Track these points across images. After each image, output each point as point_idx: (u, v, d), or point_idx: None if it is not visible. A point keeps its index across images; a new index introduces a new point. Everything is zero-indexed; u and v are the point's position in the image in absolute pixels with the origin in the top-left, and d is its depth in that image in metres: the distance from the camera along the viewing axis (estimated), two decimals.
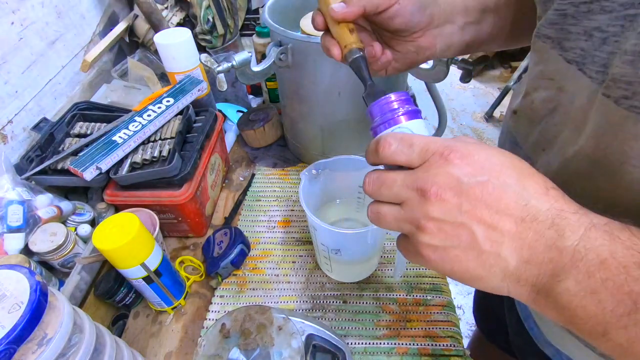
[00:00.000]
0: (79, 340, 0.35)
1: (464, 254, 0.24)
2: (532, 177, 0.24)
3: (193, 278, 0.59)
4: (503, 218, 0.23)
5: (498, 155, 0.24)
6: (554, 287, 0.22)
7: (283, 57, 0.59)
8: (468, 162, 0.24)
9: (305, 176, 0.52)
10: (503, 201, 0.23)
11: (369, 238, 0.46)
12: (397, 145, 0.26)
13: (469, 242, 0.23)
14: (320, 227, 0.46)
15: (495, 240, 0.23)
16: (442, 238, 0.24)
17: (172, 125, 0.61)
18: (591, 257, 0.21)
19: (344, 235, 0.47)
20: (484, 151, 0.24)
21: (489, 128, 2.31)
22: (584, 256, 0.21)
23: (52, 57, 0.77)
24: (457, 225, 0.23)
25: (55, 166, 0.58)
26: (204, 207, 0.64)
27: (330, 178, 0.53)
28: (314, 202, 0.57)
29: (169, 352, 0.52)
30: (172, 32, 0.68)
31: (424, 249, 0.25)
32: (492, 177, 0.23)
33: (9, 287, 0.31)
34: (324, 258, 0.54)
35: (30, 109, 0.72)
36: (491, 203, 0.23)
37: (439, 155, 0.24)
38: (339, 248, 0.50)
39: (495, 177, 0.23)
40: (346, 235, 0.47)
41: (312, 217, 0.46)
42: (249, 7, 1.12)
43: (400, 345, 0.51)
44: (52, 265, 0.55)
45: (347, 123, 0.67)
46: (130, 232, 0.43)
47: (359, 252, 0.52)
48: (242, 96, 0.91)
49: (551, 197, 0.23)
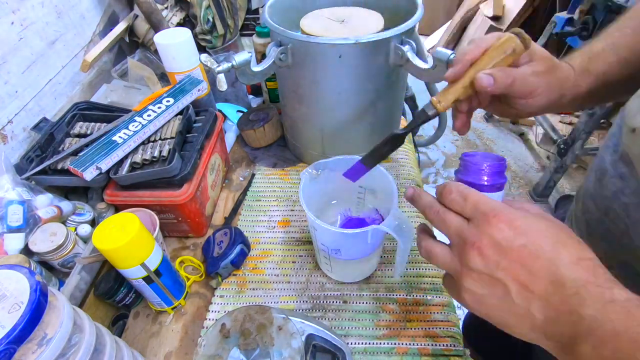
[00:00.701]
0: (79, 340, 0.35)
1: (498, 303, 0.28)
2: (567, 246, 0.27)
3: (193, 278, 0.59)
4: (535, 279, 0.26)
5: (539, 222, 0.28)
6: (575, 347, 0.25)
7: (283, 57, 0.59)
8: (510, 226, 0.27)
9: (305, 176, 0.51)
10: (537, 264, 0.26)
11: (369, 238, 0.46)
12: (455, 195, 0.31)
13: (503, 295, 0.27)
14: (320, 227, 0.46)
15: (525, 297, 0.26)
16: (480, 287, 0.28)
17: (172, 125, 0.61)
18: (607, 327, 0.23)
19: (344, 235, 0.47)
20: (526, 217, 0.28)
21: (489, 128, 2.31)
22: (600, 325, 0.23)
23: (52, 57, 0.77)
24: (495, 279, 0.27)
25: (55, 166, 0.58)
26: (204, 207, 0.64)
27: (331, 178, 0.53)
28: (314, 201, 0.57)
29: (169, 352, 0.52)
30: (172, 32, 0.68)
31: (464, 292, 0.29)
32: (529, 242, 0.27)
33: (9, 287, 0.31)
34: (324, 258, 0.54)
35: (30, 109, 0.72)
36: (526, 264, 0.26)
37: (485, 217, 0.28)
38: (339, 248, 0.50)
39: (532, 242, 0.27)
40: (346, 235, 0.47)
41: (312, 217, 0.46)
42: (249, 7, 1.12)
43: (400, 345, 0.51)
44: (52, 265, 0.55)
45: (347, 123, 0.67)
46: (130, 232, 0.43)
47: (359, 252, 0.52)
48: (242, 96, 0.91)
49: (581, 267, 0.25)
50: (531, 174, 2.00)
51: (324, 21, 0.63)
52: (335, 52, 0.56)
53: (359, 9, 0.66)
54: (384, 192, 0.52)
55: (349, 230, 0.45)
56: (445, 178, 2.01)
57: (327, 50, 0.56)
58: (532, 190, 1.88)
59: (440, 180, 2.00)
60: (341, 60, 0.57)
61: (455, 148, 2.19)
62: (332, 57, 0.56)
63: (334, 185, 0.55)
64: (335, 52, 0.56)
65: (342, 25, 0.61)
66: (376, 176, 0.52)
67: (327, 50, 0.56)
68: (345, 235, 0.47)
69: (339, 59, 0.56)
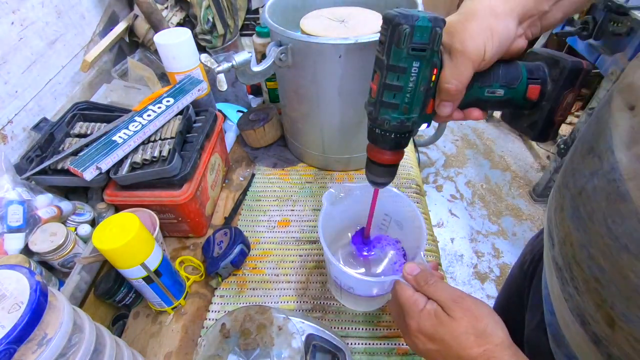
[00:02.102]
0: (79, 340, 0.34)
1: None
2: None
3: (193, 278, 0.59)
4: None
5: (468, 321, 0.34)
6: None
7: (283, 57, 0.59)
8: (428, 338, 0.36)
9: (327, 199, 0.49)
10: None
11: (387, 285, 0.45)
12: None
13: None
14: (336, 266, 0.44)
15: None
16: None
17: (172, 125, 0.61)
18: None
19: (358, 278, 0.45)
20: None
21: (489, 128, 2.31)
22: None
23: (52, 57, 0.77)
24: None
25: (55, 166, 0.58)
26: (204, 207, 0.64)
27: (354, 201, 0.50)
28: (334, 224, 0.54)
29: (169, 352, 0.52)
30: (172, 32, 0.68)
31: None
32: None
33: (9, 287, 0.31)
34: (335, 286, 0.53)
35: (30, 109, 0.72)
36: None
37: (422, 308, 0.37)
38: (353, 286, 0.48)
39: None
40: (360, 279, 0.45)
41: (329, 253, 0.44)
42: (249, 7, 1.12)
43: (400, 345, 0.51)
44: (52, 265, 0.55)
45: (347, 123, 0.67)
46: (130, 232, 0.43)
47: (372, 291, 0.50)
48: (242, 96, 0.91)
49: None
50: (531, 174, 2.00)
51: (324, 21, 0.63)
52: (335, 52, 0.56)
53: (359, 9, 0.66)
54: (411, 231, 0.51)
55: (369, 278, 0.43)
56: (445, 178, 2.01)
57: (327, 50, 0.56)
58: (532, 190, 1.88)
59: (440, 180, 2.00)
60: (341, 60, 0.57)
61: (455, 148, 2.19)
62: (332, 57, 0.56)
63: (357, 208, 0.53)
64: (335, 52, 0.56)
65: (342, 25, 0.61)
66: (407, 214, 0.50)
67: (327, 50, 0.56)
68: (361, 280, 0.45)
69: (339, 59, 0.56)
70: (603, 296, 0.30)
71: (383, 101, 0.36)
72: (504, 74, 0.36)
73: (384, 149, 0.39)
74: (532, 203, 1.85)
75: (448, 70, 0.34)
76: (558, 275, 0.38)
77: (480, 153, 2.15)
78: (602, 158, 0.30)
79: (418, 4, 0.62)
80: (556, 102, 0.37)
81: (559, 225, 0.37)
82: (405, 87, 0.34)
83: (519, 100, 0.37)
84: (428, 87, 0.35)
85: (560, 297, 0.38)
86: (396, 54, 0.33)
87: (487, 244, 1.70)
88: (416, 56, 0.32)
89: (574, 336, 0.37)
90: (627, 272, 0.27)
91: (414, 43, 0.32)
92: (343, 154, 0.74)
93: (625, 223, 0.27)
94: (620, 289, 0.28)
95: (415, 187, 0.74)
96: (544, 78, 0.36)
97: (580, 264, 0.33)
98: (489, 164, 2.08)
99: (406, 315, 0.37)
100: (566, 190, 0.36)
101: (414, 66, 0.33)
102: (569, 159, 0.38)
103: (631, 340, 0.28)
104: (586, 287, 0.32)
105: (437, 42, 0.32)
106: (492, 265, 1.61)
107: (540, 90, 0.37)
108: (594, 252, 0.31)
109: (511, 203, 1.86)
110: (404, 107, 0.35)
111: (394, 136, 0.38)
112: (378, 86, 0.35)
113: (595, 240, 0.31)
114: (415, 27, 0.31)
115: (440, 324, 0.34)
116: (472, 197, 1.91)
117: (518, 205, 1.85)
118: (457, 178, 2.01)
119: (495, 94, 0.37)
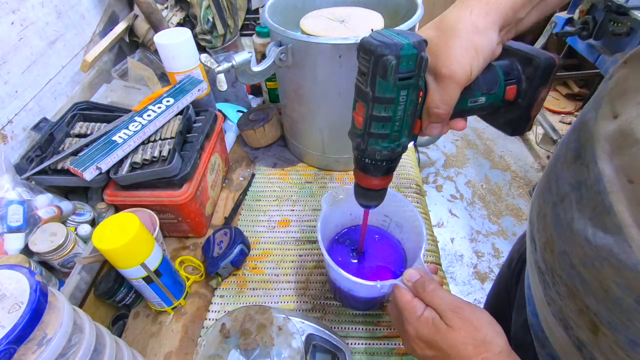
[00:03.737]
0: (79, 340, 0.34)
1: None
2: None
3: (193, 278, 0.59)
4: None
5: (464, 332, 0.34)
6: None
7: (283, 57, 0.59)
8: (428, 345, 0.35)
9: (326, 202, 0.49)
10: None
11: (386, 289, 0.44)
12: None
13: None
14: (335, 270, 0.44)
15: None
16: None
17: (172, 125, 0.61)
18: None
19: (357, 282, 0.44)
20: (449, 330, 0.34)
21: (489, 128, 2.31)
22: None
23: (52, 57, 0.77)
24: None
25: (55, 166, 0.58)
26: (204, 207, 0.64)
27: (355, 202, 0.48)
28: (333, 225, 0.55)
29: (169, 352, 0.52)
30: (172, 32, 0.68)
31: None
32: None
33: (9, 287, 0.31)
34: (334, 288, 0.53)
35: (30, 109, 0.72)
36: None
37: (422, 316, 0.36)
38: (352, 288, 0.49)
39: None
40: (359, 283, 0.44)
41: (328, 257, 0.44)
42: (249, 7, 1.12)
43: (400, 346, 0.51)
44: (52, 265, 0.55)
45: (347, 123, 0.67)
46: (130, 232, 0.43)
47: (372, 294, 0.50)
48: (242, 96, 0.91)
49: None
50: (531, 174, 2.00)
51: (324, 21, 0.63)
52: (335, 52, 0.56)
53: (359, 9, 0.66)
54: (412, 232, 0.51)
55: (368, 282, 0.43)
56: (445, 178, 2.01)
57: (327, 50, 0.56)
58: (532, 190, 1.87)
59: (440, 180, 2.00)
60: (341, 60, 0.57)
61: (455, 148, 2.19)
62: (332, 57, 0.56)
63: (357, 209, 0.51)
64: (335, 52, 0.56)
65: (342, 25, 0.61)
66: (407, 215, 0.50)
67: (327, 50, 0.56)
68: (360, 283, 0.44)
69: (339, 59, 0.56)
70: (586, 302, 0.30)
71: (372, 132, 0.34)
72: (483, 80, 0.35)
73: (374, 176, 0.39)
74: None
75: (437, 95, 0.33)
76: (540, 278, 0.37)
77: (480, 153, 2.15)
78: (588, 167, 0.29)
79: (418, 4, 0.61)
80: (532, 99, 0.36)
81: (541, 230, 0.37)
82: (394, 116, 0.32)
83: (498, 103, 0.37)
84: (415, 110, 0.33)
85: (542, 300, 0.38)
86: (382, 86, 0.31)
87: (487, 244, 1.70)
88: (403, 85, 0.30)
89: (557, 339, 0.37)
90: (609, 284, 0.27)
91: (400, 73, 0.30)
92: (343, 154, 0.74)
93: (607, 237, 0.27)
94: (603, 298, 0.28)
95: (415, 187, 0.74)
96: (519, 77, 0.36)
97: (562, 271, 0.33)
98: (489, 164, 2.08)
99: (404, 320, 0.37)
100: (549, 195, 0.36)
101: (401, 95, 0.31)
102: (553, 163, 0.37)
103: (615, 347, 0.28)
104: (568, 293, 0.32)
105: (423, 68, 0.31)
106: (492, 265, 1.61)
107: (516, 90, 0.36)
108: (575, 262, 0.31)
109: (511, 203, 1.86)
110: (394, 135, 0.34)
111: (385, 164, 0.37)
112: (365, 118, 0.33)
113: (576, 250, 0.30)
114: (402, 57, 0.29)
115: (437, 332, 0.34)
116: (472, 197, 1.91)
117: (518, 205, 1.85)
118: (457, 178, 2.01)
119: (478, 102, 0.36)
